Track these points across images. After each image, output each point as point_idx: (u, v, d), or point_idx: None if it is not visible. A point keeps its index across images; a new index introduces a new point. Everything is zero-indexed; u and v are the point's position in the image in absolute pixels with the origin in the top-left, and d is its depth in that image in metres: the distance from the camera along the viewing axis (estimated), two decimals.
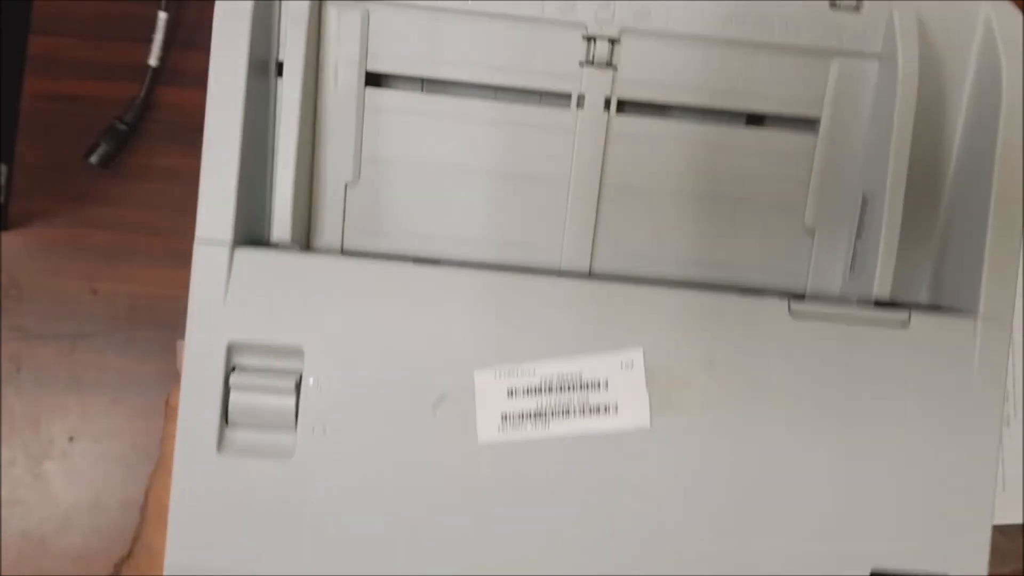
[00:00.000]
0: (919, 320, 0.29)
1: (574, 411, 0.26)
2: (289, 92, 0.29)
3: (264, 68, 0.30)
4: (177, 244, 0.54)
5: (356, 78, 0.31)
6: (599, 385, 0.27)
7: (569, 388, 0.27)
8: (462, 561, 0.26)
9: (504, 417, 0.27)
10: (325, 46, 0.30)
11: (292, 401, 0.27)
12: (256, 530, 0.27)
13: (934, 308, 0.31)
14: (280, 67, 0.30)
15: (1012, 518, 0.51)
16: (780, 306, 0.28)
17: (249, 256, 0.28)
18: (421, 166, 0.31)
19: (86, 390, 0.53)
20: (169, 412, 0.33)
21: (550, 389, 0.27)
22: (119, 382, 0.53)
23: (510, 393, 0.27)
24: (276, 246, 0.29)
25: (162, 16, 0.54)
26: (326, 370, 0.27)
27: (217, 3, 0.29)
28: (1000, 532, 0.51)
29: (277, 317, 0.28)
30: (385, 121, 0.31)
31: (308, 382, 0.27)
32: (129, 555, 0.34)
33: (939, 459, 0.28)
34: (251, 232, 0.29)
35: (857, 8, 0.30)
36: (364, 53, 0.30)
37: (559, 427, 0.26)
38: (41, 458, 0.52)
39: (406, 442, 0.27)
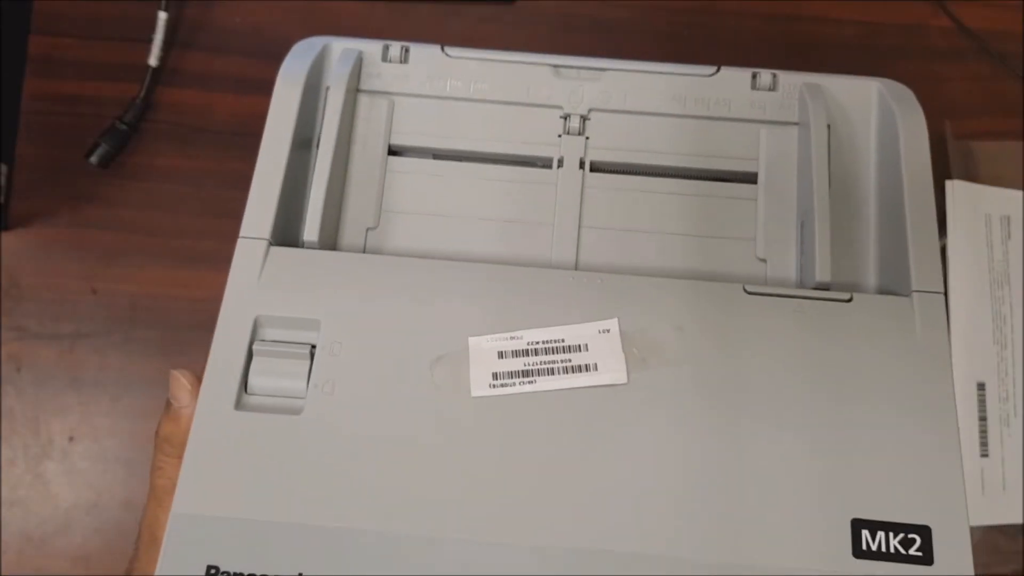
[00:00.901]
0: (861, 297, 0.33)
1: (558, 370, 0.30)
2: (324, 144, 0.36)
3: (308, 143, 0.38)
4: (177, 244, 0.54)
5: (381, 149, 0.38)
6: (580, 348, 0.31)
7: (553, 351, 0.31)
8: (452, 506, 0.28)
9: (495, 375, 0.30)
10: (356, 124, 0.38)
11: (306, 364, 0.31)
12: (263, 479, 0.29)
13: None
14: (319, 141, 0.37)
15: (1012, 518, 0.51)
16: (736, 288, 0.33)
17: (282, 252, 0.33)
18: (430, 215, 0.37)
19: (86, 390, 0.53)
20: (159, 442, 0.33)
21: (536, 352, 0.30)
22: (119, 382, 0.53)
23: (500, 355, 0.31)
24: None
25: (162, 16, 0.54)
26: (338, 338, 0.31)
27: (276, 87, 0.38)
28: (1000, 532, 0.51)
29: (300, 297, 0.32)
30: (401, 181, 0.38)
31: (322, 349, 0.31)
32: None
33: (899, 415, 0.30)
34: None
35: (773, 87, 0.39)
36: (388, 131, 0.38)
37: (545, 384, 0.30)
38: (41, 458, 0.52)
39: (405, 397, 0.31)
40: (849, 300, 0.33)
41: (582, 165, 0.38)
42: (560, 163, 0.38)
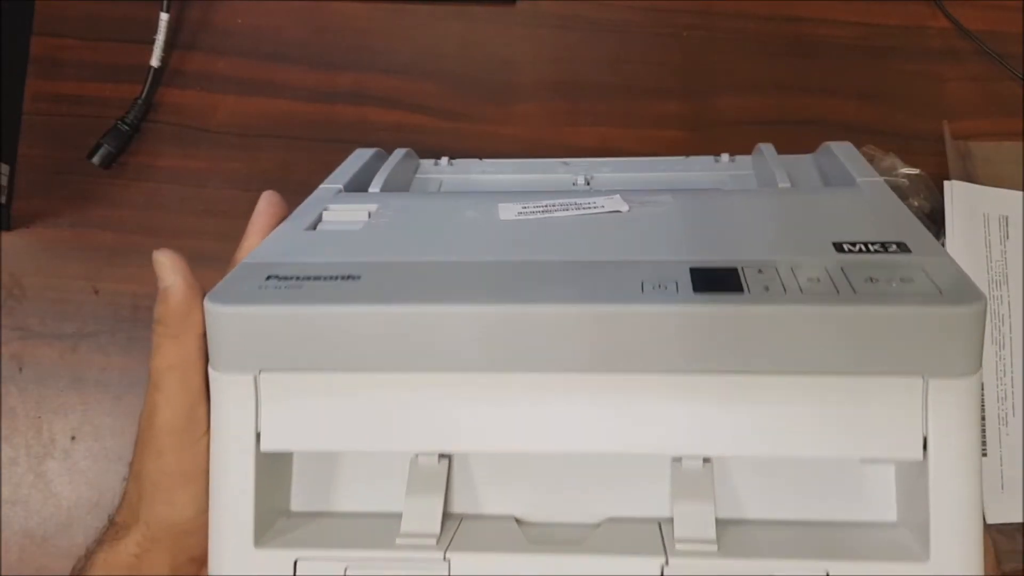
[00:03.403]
0: None
1: (571, 208, 0.35)
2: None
3: None
4: (179, 244, 0.54)
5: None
6: (591, 204, 0.35)
7: (568, 207, 0.35)
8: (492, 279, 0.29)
9: (520, 212, 0.34)
10: None
11: None
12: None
13: None
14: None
15: (1012, 518, 0.51)
16: None
17: None
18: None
19: (88, 389, 0.53)
20: (154, 325, 0.31)
21: (556, 205, 0.35)
22: (121, 381, 0.53)
23: (523, 208, 0.35)
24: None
25: (164, 17, 0.54)
26: None
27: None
28: (1000, 532, 0.51)
29: None
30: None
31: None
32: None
33: None
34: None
35: None
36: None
37: (559, 213, 0.35)
38: (43, 457, 0.53)
39: (446, 228, 0.34)
40: None
41: None
42: None
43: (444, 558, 0.27)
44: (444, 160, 0.46)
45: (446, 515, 0.29)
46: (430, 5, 0.57)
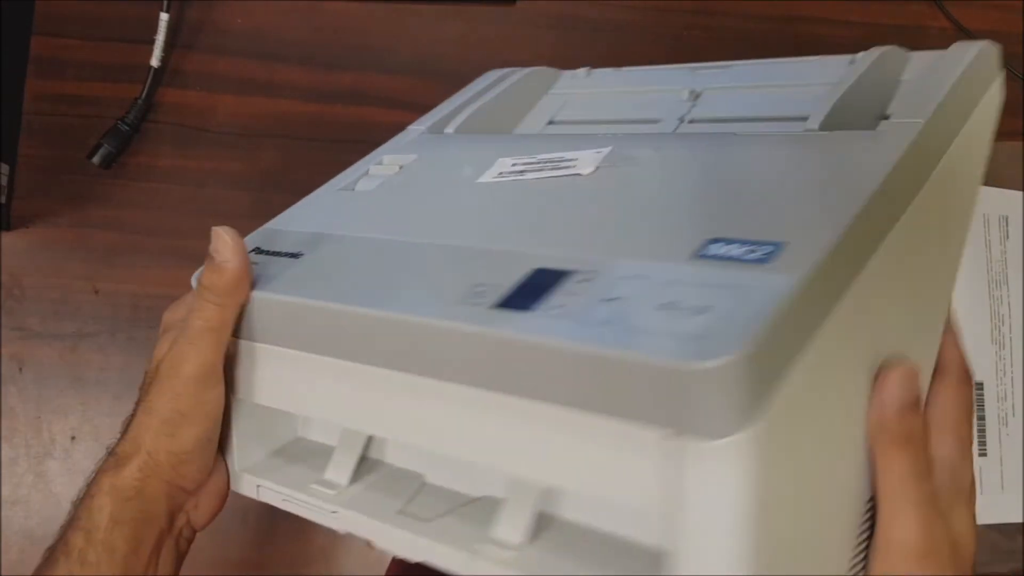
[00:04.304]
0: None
1: (544, 170, 0.36)
2: None
3: None
4: (179, 244, 0.54)
5: None
6: (571, 160, 0.36)
7: (551, 163, 0.37)
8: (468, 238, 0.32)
9: (500, 174, 0.37)
10: None
11: None
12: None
13: None
14: None
15: (1012, 517, 0.51)
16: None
17: None
18: None
19: (88, 389, 0.53)
20: (201, 289, 0.35)
21: (538, 164, 0.37)
22: (121, 381, 0.53)
23: (513, 164, 0.37)
24: None
25: (164, 17, 0.55)
26: None
27: None
28: (1000, 532, 0.51)
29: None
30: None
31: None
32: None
33: None
34: None
35: None
36: None
37: (531, 175, 0.36)
38: (43, 457, 0.53)
39: (419, 197, 0.37)
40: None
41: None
42: None
43: (333, 511, 0.33)
44: (582, 71, 0.47)
45: (370, 462, 0.35)
46: (430, 5, 0.57)
